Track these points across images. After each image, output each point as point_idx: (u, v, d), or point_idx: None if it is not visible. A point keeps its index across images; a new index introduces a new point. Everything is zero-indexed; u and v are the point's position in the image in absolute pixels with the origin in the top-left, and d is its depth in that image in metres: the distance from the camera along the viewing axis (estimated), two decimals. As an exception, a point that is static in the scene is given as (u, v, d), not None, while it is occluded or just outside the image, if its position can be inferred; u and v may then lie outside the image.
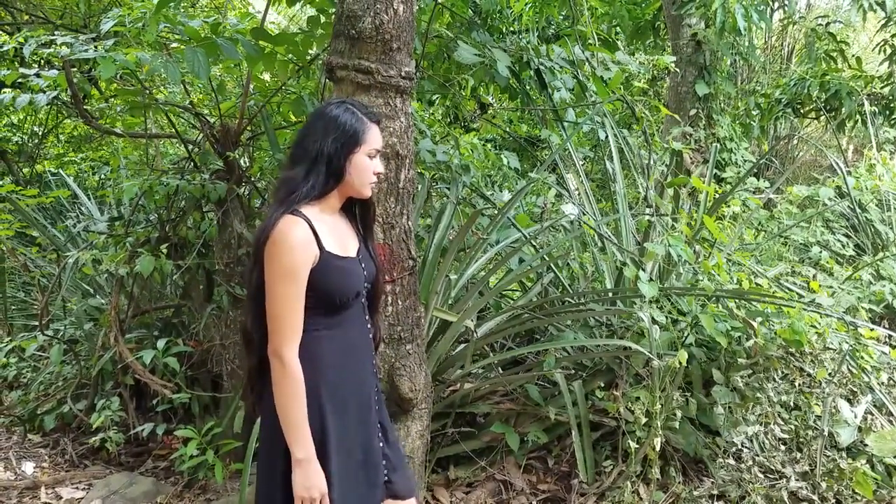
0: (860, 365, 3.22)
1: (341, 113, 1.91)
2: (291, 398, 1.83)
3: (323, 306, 1.89)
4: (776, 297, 3.08)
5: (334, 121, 1.90)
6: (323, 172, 1.88)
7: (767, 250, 4.79)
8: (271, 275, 1.81)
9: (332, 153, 1.88)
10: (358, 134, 1.91)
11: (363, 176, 1.94)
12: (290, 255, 1.80)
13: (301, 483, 1.83)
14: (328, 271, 1.87)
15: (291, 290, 1.82)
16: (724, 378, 2.93)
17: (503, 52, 3.95)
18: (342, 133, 1.89)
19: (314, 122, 1.95)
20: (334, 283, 1.89)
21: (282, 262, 1.80)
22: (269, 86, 4.23)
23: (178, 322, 4.22)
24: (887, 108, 8.20)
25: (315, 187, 1.88)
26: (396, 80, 2.81)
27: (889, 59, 8.54)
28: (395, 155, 2.79)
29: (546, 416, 3.10)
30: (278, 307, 1.82)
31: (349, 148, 1.90)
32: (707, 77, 6.08)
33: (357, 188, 1.96)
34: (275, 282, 1.81)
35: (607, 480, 2.89)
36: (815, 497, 2.78)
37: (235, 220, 3.64)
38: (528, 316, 3.36)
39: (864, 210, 5.13)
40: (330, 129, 1.89)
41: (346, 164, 1.90)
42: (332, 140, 1.87)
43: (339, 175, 1.90)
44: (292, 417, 1.83)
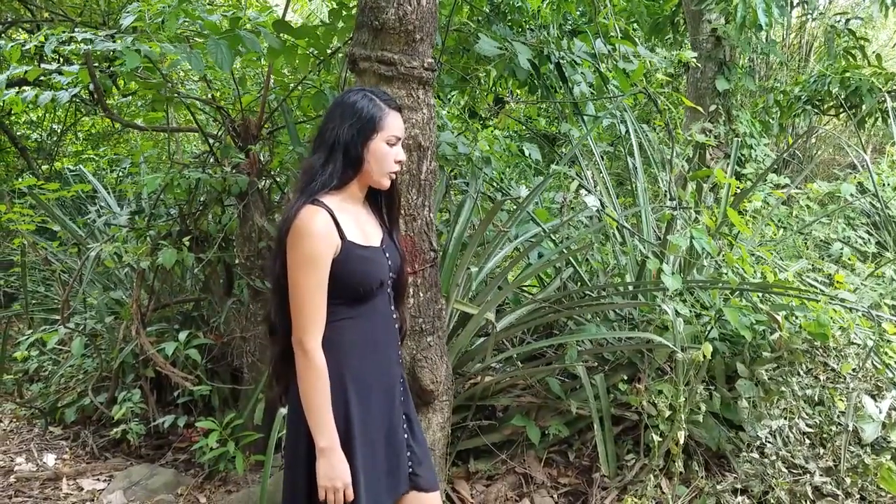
0: (884, 361, 3.19)
1: (359, 99, 1.90)
2: (315, 388, 1.82)
3: (346, 296, 1.88)
4: (801, 291, 3.05)
5: (351, 107, 1.89)
6: (340, 160, 1.86)
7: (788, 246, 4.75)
8: (293, 264, 1.81)
9: (349, 140, 1.86)
10: (375, 120, 1.89)
11: (382, 164, 1.92)
12: (311, 245, 1.79)
13: (324, 473, 1.83)
14: (350, 261, 1.86)
15: (313, 279, 1.81)
16: (748, 372, 2.90)
17: (524, 45, 3.94)
18: (358, 119, 1.87)
19: (332, 109, 1.94)
20: (357, 273, 1.88)
21: (303, 252, 1.79)
22: (289, 80, 4.24)
23: (199, 315, 4.24)
24: (908, 105, 8.11)
25: (333, 176, 1.86)
26: (419, 71, 2.80)
27: (910, 56, 8.45)
28: (418, 146, 2.79)
29: (567, 410, 3.09)
30: (300, 297, 1.81)
31: (366, 134, 1.88)
32: (727, 73, 6.03)
33: (376, 177, 1.93)
34: (297, 271, 1.81)
35: (629, 474, 2.87)
36: (840, 492, 2.75)
37: (256, 214, 3.65)
38: (548, 309, 3.35)
39: (886, 207, 5.07)
40: (347, 115, 1.88)
41: (363, 151, 1.88)
42: (348, 126, 1.86)
43: (358, 163, 1.89)
44: (316, 407, 1.83)
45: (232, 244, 3.86)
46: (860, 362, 3.02)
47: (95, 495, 3.53)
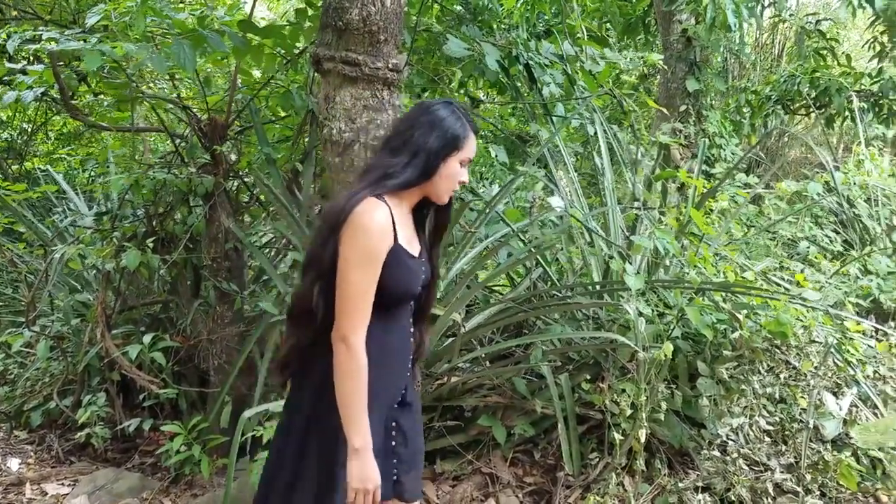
0: (846, 358, 3.24)
1: (448, 115, 1.91)
2: (356, 386, 1.78)
3: (377, 301, 1.83)
4: (762, 290, 3.09)
5: (441, 121, 1.89)
6: (420, 167, 1.86)
7: (756, 245, 4.80)
8: (348, 259, 1.77)
9: (433, 151, 1.87)
10: (459, 139, 1.90)
11: (450, 181, 1.93)
12: (370, 239, 1.77)
13: (357, 474, 1.80)
14: (396, 265, 1.83)
15: (368, 274, 1.78)
16: (709, 370, 2.93)
17: (493, 46, 3.95)
18: (444, 134, 1.88)
19: (420, 116, 1.92)
20: (398, 280, 1.85)
21: (363, 245, 1.77)
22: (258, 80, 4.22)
23: (166, 317, 4.20)
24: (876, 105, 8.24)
25: (408, 180, 1.87)
26: (384, 72, 2.80)
27: (878, 57, 8.59)
28: (382, 148, 2.77)
29: (533, 410, 3.10)
30: (352, 291, 1.77)
31: (448, 151, 1.89)
32: (697, 73, 6.09)
33: (439, 192, 1.94)
34: (352, 264, 1.77)
35: (593, 473, 2.89)
36: (800, 489, 2.78)
37: (223, 215, 3.62)
38: (516, 309, 3.36)
39: (852, 205, 5.15)
40: (436, 127, 1.88)
41: (440, 164, 1.88)
42: (434, 138, 1.87)
43: (431, 174, 1.89)
44: (355, 406, 1.79)
45: (199, 245, 3.83)
46: (821, 360, 3.06)
47: (60, 500, 3.49)
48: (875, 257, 4.53)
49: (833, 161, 6.01)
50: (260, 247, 4.33)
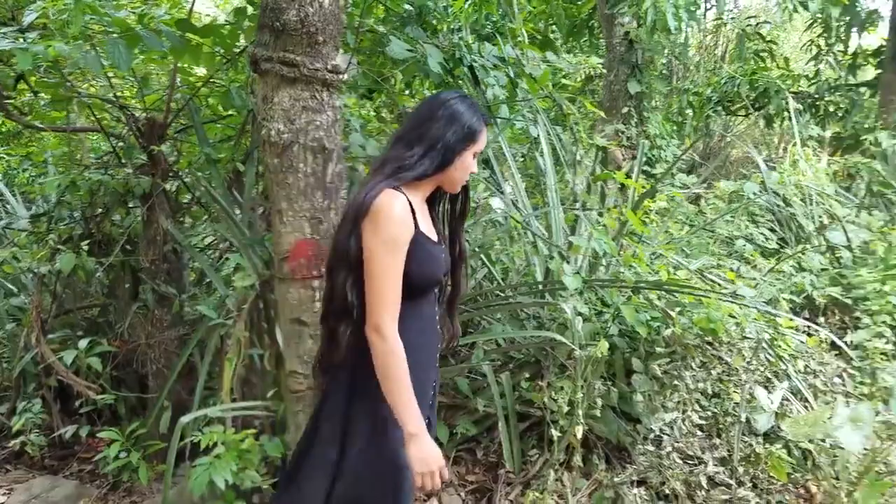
0: (778, 353, 3.35)
1: (465, 109, 1.95)
2: (398, 373, 1.81)
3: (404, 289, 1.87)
4: (694, 288, 3.18)
5: (458, 114, 1.93)
6: (437, 159, 1.91)
7: (697, 244, 4.93)
8: (374, 247, 1.81)
9: (450, 144, 1.91)
10: (475, 133, 1.96)
11: (463, 173, 1.99)
12: (393, 227, 1.81)
13: (419, 457, 1.81)
14: (419, 251, 1.87)
15: (395, 262, 1.82)
16: (643, 367, 3.00)
17: (436, 47, 3.96)
18: (462, 127, 1.93)
19: (436, 110, 1.96)
20: (422, 266, 1.90)
21: (387, 233, 1.80)
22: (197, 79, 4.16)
23: (104, 321, 4.12)
24: (813, 106, 8.53)
25: (425, 171, 1.91)
26: (323, 73, 2.79)
27: (815, 59, 8.88)
28: (322, 149, 2.77)
29: (475, 409, 3.13)
30: (381, 279, 1.81)
31: (464, 144, 1.94)
32: (639, 75, 6.21)
33: (453, 183, 2.00)
34: (377, 254, 1.81)
35: (533, 469, 2.94)
36: (733, 481, 2.87)
37: (161, 216, 3.56)
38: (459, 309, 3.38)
39: (787, 204, 5.32)
40: (453, 120, 1.92)
41: (455, 157, 1.94)
42: (452, 132, 1.91)
43: (447, 166, 1.94)
44: (401, 392, 1.81)
45: (137, 247, 3.76)
46: (753, 355, 3.16)
47: (-7, 510, 3.40)
48: (809, 255, 4.70)
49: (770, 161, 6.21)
50: (201, 249, 4.27)
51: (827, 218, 5.19)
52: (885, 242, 4.74)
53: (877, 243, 4.79)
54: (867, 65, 8.90)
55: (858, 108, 8.19)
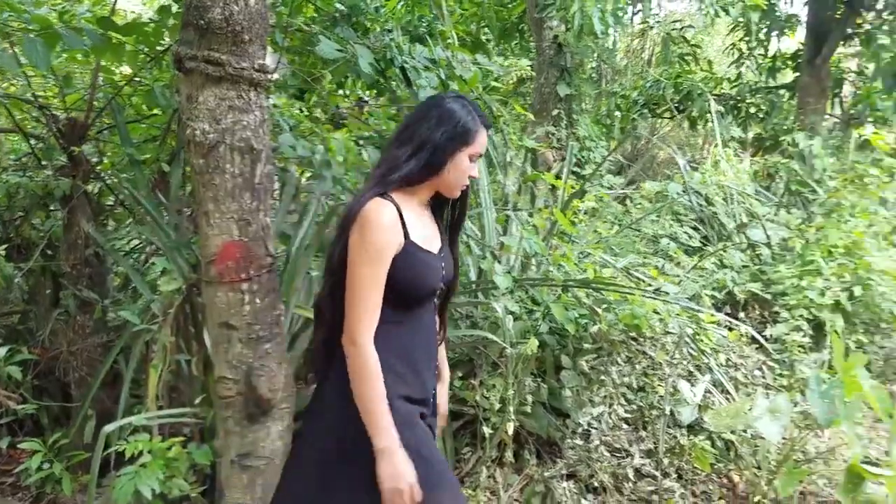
0: (700, 347, 3.48)
1: (458, 109, 1.88)
2: (370, 385, 1.76)
3: (396, 299, 1.83)
4: (620, 286, 3.27)
5: (450, 114, 1.87)
6: (424, 160, 1.85)
7: (624, 242, 5.07)
8: (355, 256, 1.77)
9: (439, 144, 1.85)
10: (469, 133, 1.88)
11: (459, 176, 1.91)
12: (376, 236, 1.77)
13: (388, 474, 1.74)
14: (409, 261, 1.83)
15: (375, 271, 1.77)
16: (571, 363, 3.08)
17: (367, 48, 3.96)
18: (453, 128, 1.86)
19: (428, 110, 1.91)
20: (413, 275, 1.84)
21: (368, 242, 1.76)
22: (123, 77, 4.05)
23: (24, 329, 3.96)
24: (735, 108, 8.87)
25: (412, 173, 1.85)
26: (249, 72, 2.74)
27: (736, 62, 9.24)
28: (250, 149, 2.72)
29: (409, 409, 3.14)
30: (358, 289, 1.77)
31: (456, 145, 1.86)
32: (568, 79, 6.33)
33: (449, 187, 1.92)
34: (358, 263, 1.77)
35: (466, 467, 2.97)
36: (658, 473, 2.97)
37: (82, 219, 3.45)
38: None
39: (710, 203, 5.52)
40: (444, 120, 1.86)
41: (448, 159, 1.87)
42: (442, 132, 1.85)
43: (438, 168, 1.87)
44: (372, 406, 1.76)
45: (58, 251, 3.64)
46: (676, 350, 3.27)
47: None
48: (730, 252, 4.89)
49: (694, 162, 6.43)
50: (125, 253, 4.15)
51: (747, 216, 5.41)
52: (803, 239, 4.97)
53: (795, 240, 5.02)
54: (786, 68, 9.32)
55: (778, 110, 8.57)
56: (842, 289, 4.33)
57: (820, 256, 4.54)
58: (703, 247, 5.25)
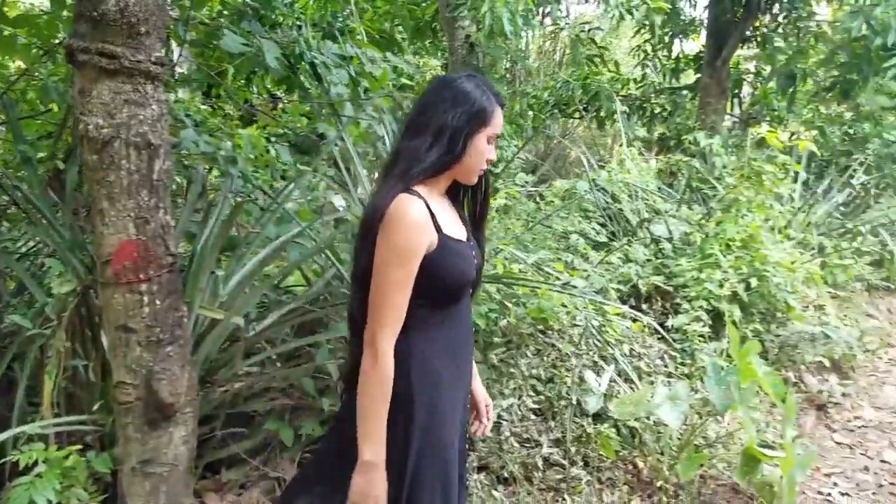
0: (605, 339, 3.59)
1: (472, 88, 1.75)
2: (377, 392, 1.65)
3: (435, 297, 1.73)
4: (529, 281, 3.34)
5: (464, 94, 1.73)
6: (446, 146, 1.71)
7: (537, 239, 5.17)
8: (382, 255, 1.64)
9: (458, 127, 1.71)
10: (486, 113, 1.74)
11: (479, 160, 1.78)
12: (405, 235, 1.64)
13: (360, 489, 1.65)
14: (447, 255, 1.71)
15: (402, 272, 1.64)
16: (482, 357, 3.12)
17: (274, 42, 3.89)
18: (471, 107, 1.72)
19: (440, 91, 1.76)
20: (453, 269, 1.74)
21: (397, 242, 1.64)
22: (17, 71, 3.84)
23: None
24: (640, 108, 9.20)
25: (436, 163, 1.72)
26: (146, 65, 2.65)
27: (641, 64, 9.59)
28: (148, 145, 2.64)
29: (321, 409, 3.11)
30: (384, 291, 1.64)
31: (475, 126, 1.73)
32: (481, 78, 6.40)
33: (469, 172, 1.79)
34: (385, 263, 1.64)
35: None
36: (566, 461, 3.05)
37: (-32, 220, 3.25)
38: (303, 309, 3.35)
39: (616, 200, 5.71)
40: (459, 101, 1.72)
41: (468, 142, 1.73)
42: (460, 113, 1.71)
43: (460, 153, 1.73)
44: (372, 413, 1.65)
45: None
46: (582, 342, 3.36)
47: None
48: (634, 247, 5.07)
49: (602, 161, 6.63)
50: (20, 255, 3.94)
51: (651, 212, 5.62)
52: (702, 234, 5.21)
53: (695, 235, 5.25)
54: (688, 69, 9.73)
55: (681, 110, 8.94)
56: (739, 280, 4.56)
57: (718, 250, 4.76)
58: (610, 242, 5.42)
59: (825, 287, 5.41)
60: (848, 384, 4.94)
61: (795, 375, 4.73)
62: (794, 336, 4.66)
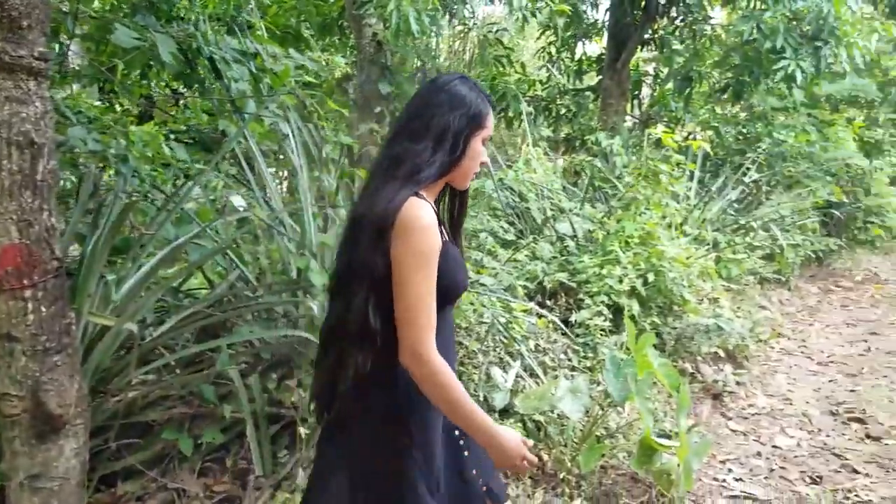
0: (511, 335, 3.65)
1: (467, 91, 1.74)
2: (452, 391, 1.62)
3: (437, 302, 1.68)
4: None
5: (461, 97, 1.72)
6: (448, 151, 1.70)
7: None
8: (408, 263, 1.60)
9: (458, 131, 1.70)
10: (482, 115, 1.75)
11: (474, 163, 1.78)
12: (425, 238, 1.61)
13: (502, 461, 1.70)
14: (448, 261, 1.69)
15: (428, 277, 1.61)
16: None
17: (170, 37, 3.76)
18: (468, 110, 1.72)
19: (434, 95, 1.74)
20: (454, 274, 1.73)
21: (419, 247, 1.60)
22: None
23: None
24: (546, 109, 9.42)
25: (439, 168, 1.70)
26: (28, 60, 2.51)
27: (547, 65, 9.81)
28: (30, 143, 2.51)
29: (223, 416, 3.02)
30: (416, 298, 1.60)
31: (472, 129, 1.73)
32: (390, 77, 6.39)
33: (464, 176, 1.79)
34: (413, 270, 1.60)
35: (283, 471, 2.91)
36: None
37: None
38: (204, 313, 3.25)
39: (523, 199, 5.82)
40: (456, 104, 1.71)
41: (466, 145, 1.73)
42: (459, 116, 1.70)
43: (459, 157, 1.72)
44: (465, 408, 1.64)
45: None
46: (489, 338, 3.41)
47: None
48: (540, 244, 5.18)
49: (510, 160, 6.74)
50: None
51: (556, 211, 5.76)
52: (604, 231, 5.38)
53: (597, 232, 5.41)
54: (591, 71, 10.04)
55: (584, 111, 9.20)
56: (637, 276, 4.73)
57: (618, 246, 4.93)
58: (518, 240, 5.52)
59: (720, 281, 5.70)
60: (742, 373, 5.22)
61: (692, 366, 4.95)
62: (690, 328, 4.88)
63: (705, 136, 8.85)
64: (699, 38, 9.21)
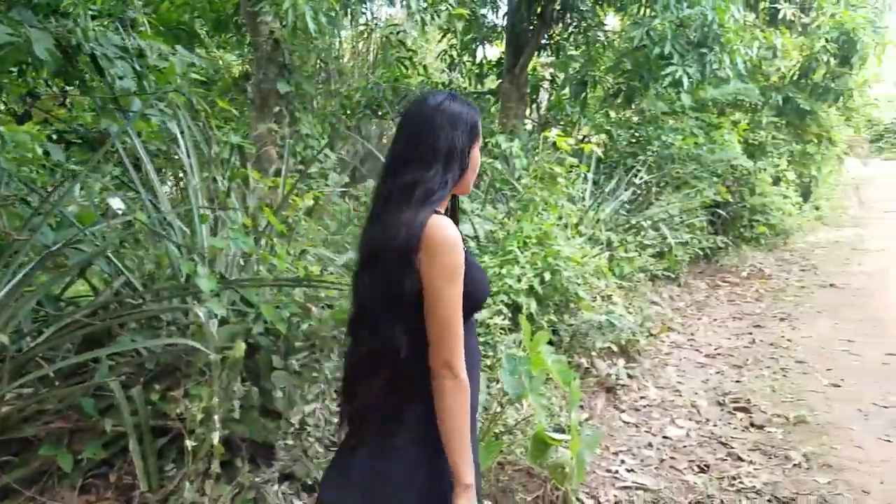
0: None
1: (459, 106, 1.81)
2: (465, 416, 1.68)
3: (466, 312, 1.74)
4: (331, 282, 3.31)
5: (457, 115, 1.79)
6: (457, 169, 1.78)
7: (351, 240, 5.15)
8: (440, 279, 1.65)
9: (463, 148, 1.78)
10: (477, 126, 1.84)
11: (474, 172, 1.86)
12: (457, 255, 1.68)
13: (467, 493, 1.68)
14: (472, 270, 1.75)
15: (457, 292, 1.67)
16: (282, 363, 3.05)
17: (47, 32, 3.55)
18: (465, 125, 1.80)
19: (432, 118, 1.77)
20: (479, 283, 1.80)
21: (449, 263, 1.66)
22: None
23: None
24: (450, 111, 9.45)
25: (451, 185, 1.77)
26: None
27: (449, 67, 9.90)
28: None
29: (104, 430, 2.88)
30: (448, 314, 1.65)
31: (472, 142, 1.82)
32: (288, 76, 6.27)
33: (467, 184, 1.87)
34: (444, 286, 1.65)
35: (171, 484, 2.79)
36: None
37: None
38: (82, 322, 3.08)
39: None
40: (456, 123, 1.78)
41: (468, 158, 1.81)
42: (460, 133, 1.78)
43: (464, 170, 1.80)
44: (464, 438, 1.68)
45: None
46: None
47: None
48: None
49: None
50: None
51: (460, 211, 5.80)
52: (504, 232, 5.46)
53: (498, 233, 5.49)
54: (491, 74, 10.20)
55: (485, 114, 9.33)
56: (534, 275, 4.83)
57: (517, 247, 5.02)
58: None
59: (613, 278, 5.90)
60: (634, 367, 5.42)
61: (587, 361, 5.11)
62: (585, 325, 5.03)
63: (600, 140, 9.15)
64: (593, 43, 9.52)
